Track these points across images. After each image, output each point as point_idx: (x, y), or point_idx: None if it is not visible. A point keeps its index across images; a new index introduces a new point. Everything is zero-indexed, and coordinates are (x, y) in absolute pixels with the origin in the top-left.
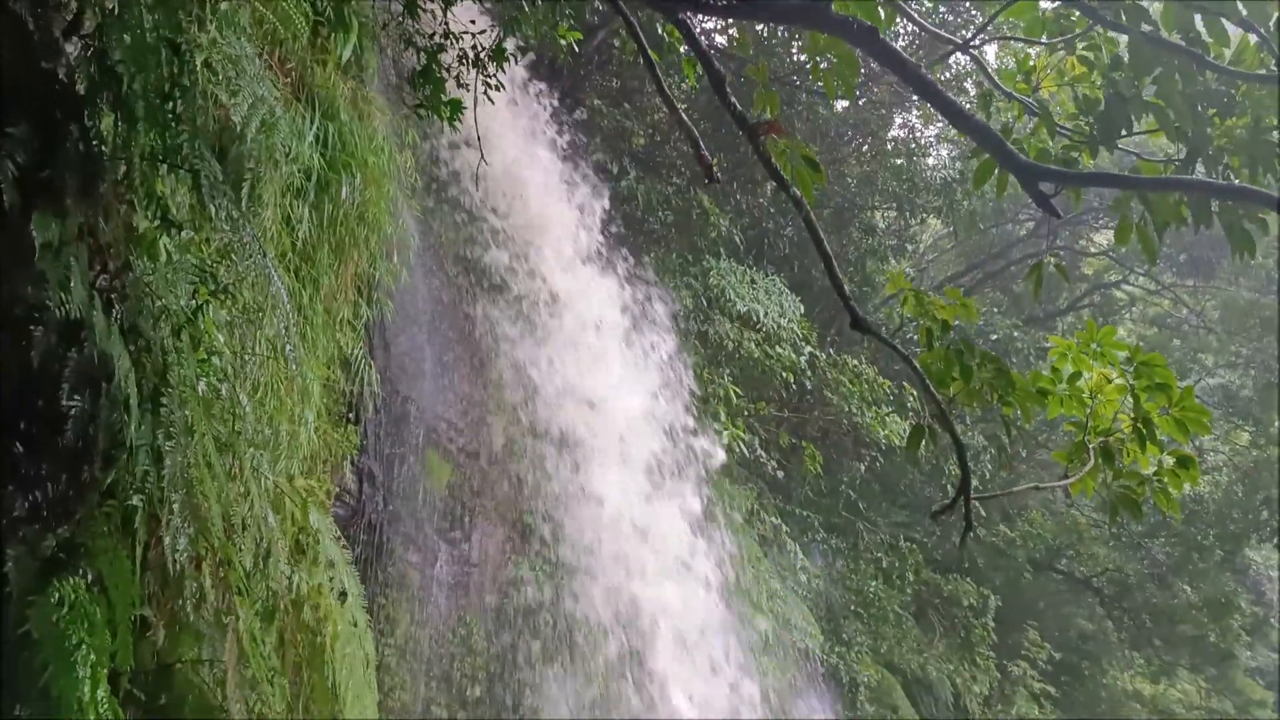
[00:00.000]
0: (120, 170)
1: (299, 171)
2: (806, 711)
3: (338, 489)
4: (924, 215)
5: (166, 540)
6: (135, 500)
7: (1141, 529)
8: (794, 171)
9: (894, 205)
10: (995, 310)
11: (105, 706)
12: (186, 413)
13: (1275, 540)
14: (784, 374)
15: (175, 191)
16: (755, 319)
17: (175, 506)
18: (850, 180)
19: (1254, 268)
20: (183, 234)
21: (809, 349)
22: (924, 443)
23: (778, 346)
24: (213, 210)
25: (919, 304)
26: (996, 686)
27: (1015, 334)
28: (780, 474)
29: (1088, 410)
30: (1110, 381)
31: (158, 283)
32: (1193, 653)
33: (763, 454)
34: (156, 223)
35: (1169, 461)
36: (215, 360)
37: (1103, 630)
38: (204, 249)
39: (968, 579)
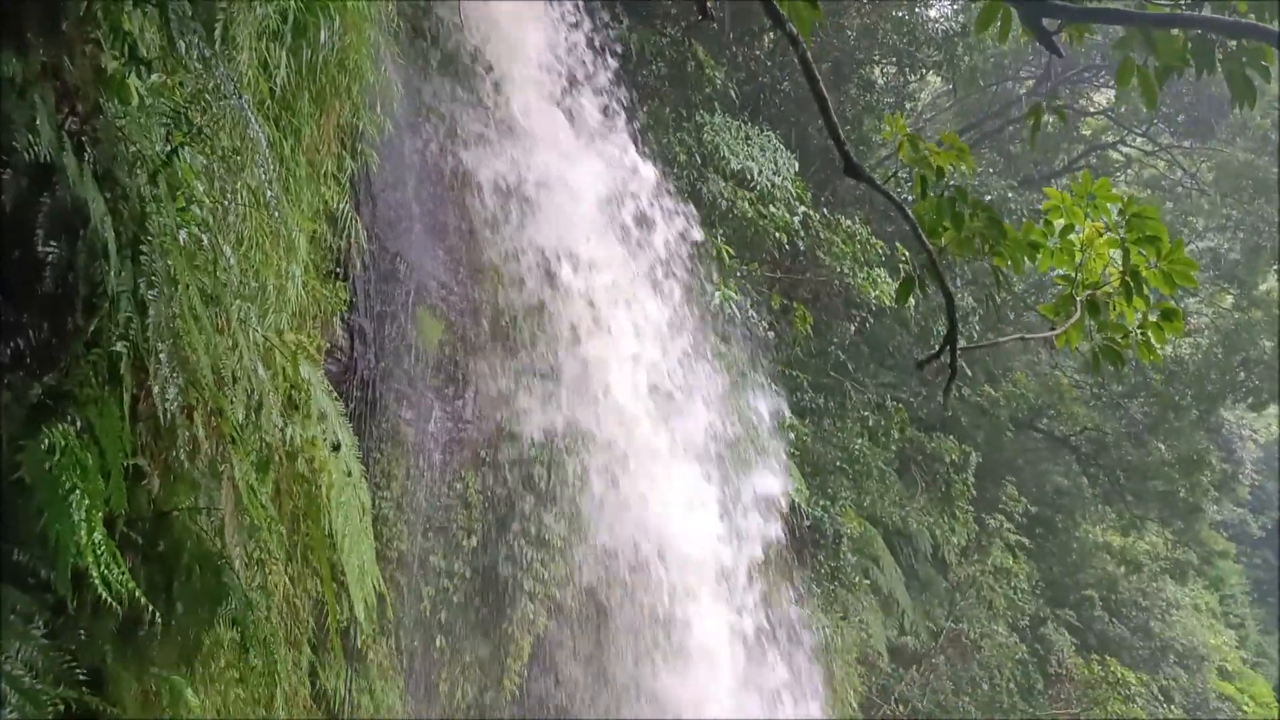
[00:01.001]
0: (83, 6)
1: (274, 13)
2: None
3: (328, 345)
4: (924, 71)
5: (155, 389)
6: (119, 347)
7: (1121, 389)
8: (789, 6)
9: (893, 60)
10: (991, 171)
11: (103, 550)
12: (169, 262)
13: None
14: (777, 234)
15: (144, 30)
16: (749, 176)
17: (162, 356)
18: (850, 33)
19: (1251, 128)
20: (153, 76)
21: (803, 209)
22: (914, 304)
23: (771, 206)
24: (183, 47)
25: (914, 150)
26: (974, 538)
27: (1010, 195)
28: (771, 335)
29: (1077, 263)
30: (1101, 235)
31: (130, 127)
32: (1162, 507)
33: (754, 314)
34: (124, 60)
35: (1153, 314)
36: (195, 209)
37: (1078, 486)
38: (177, 92)
39: (950, 437)
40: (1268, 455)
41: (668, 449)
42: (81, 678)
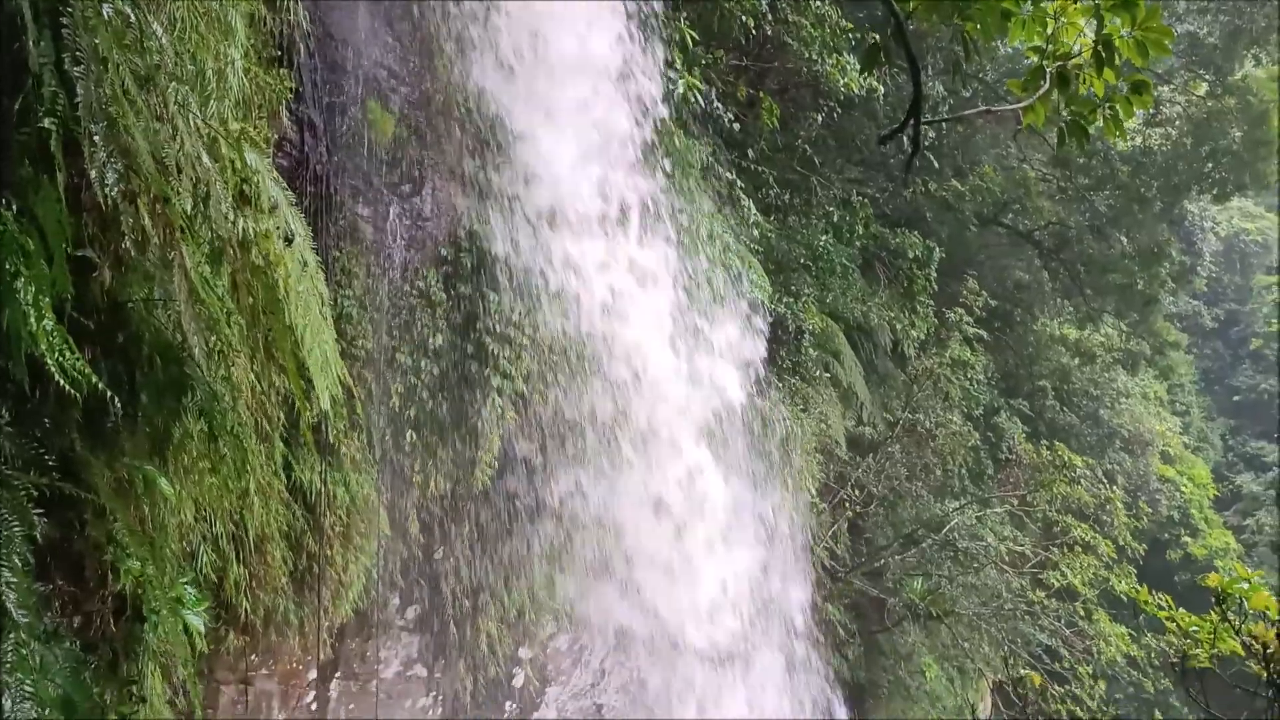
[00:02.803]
0: None
1: None
2: None
3: (277, 137)
4: None
5: (93, 174)
6: (47, 124)
7: (1087, 181)
8: None
9: None
10: None
11: (56, 337)
12: (94, 39)
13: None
14: (744, 18)
15: None
16: None
17: (97, 139)
18: None
19: None
20: None
21: None
22: (882, 95)
23: None
24: None
25: None
26: (933, 332)
27: None
28: (736, 127)
29: (1049, 33)
30: (1075, 2)
31: None
32: (1119, 300)
33: (719, 106)
34: None
35: (1123, 88)
36: None
37: (1038, 280)
38: None
39: (914, 232)
40: (1227, 248)
41: None
42: (51, 464)
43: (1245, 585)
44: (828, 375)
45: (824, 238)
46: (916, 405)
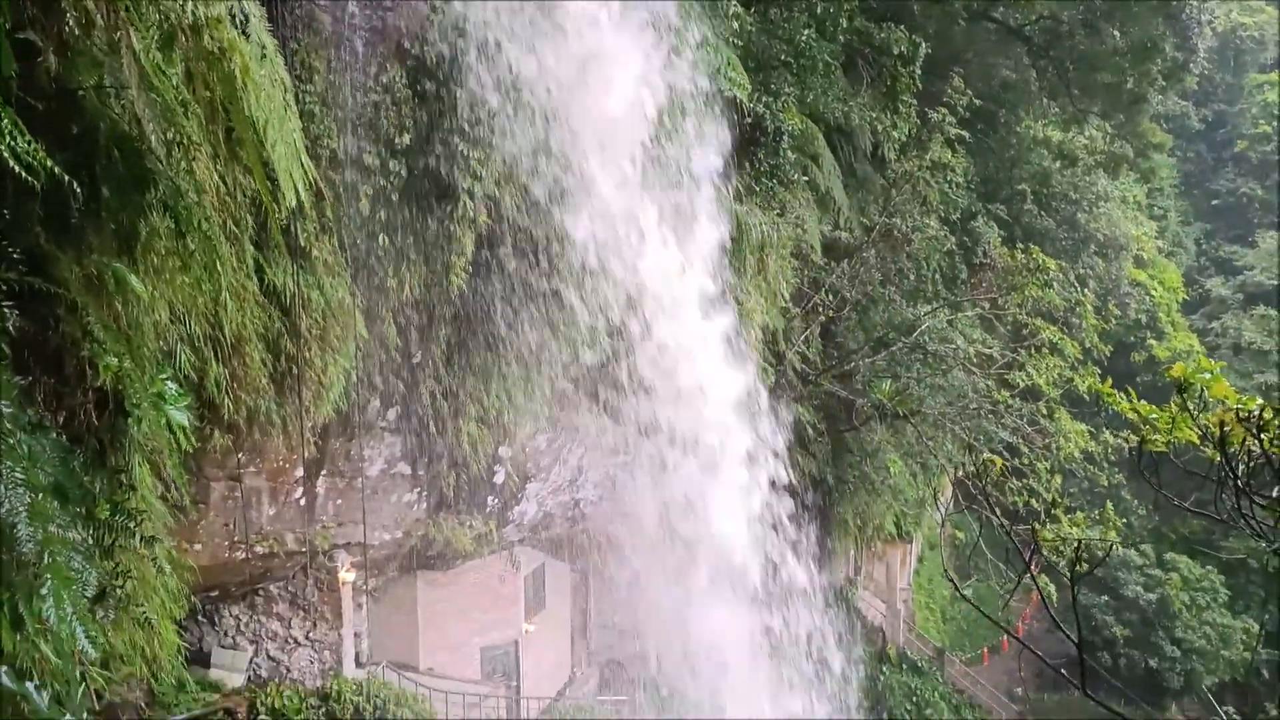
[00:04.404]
0: None
1: None
2: None
3: None
4: None
5: None
6: None
7: None
8: None
9: None
10: None
11: (5, 120)
12: None
13: None
14: None
15: None
16: None
17: None
18: None
19: None
20: None
21: None
22: None
23: None
24: None
25: None
26: (914, 133)
27: None
28: None
29: None
30: None
31: None
32: (1106, 100)
33: None
34: None
35: None
36: None
37: (1025, 79)
38: None
39: (900, 27)
40: (1222, 44)
41: None
42: (17, 257)
43: (1207, 376)
44: (805, 179)
45: (806, 32)
46: (894, 209)
